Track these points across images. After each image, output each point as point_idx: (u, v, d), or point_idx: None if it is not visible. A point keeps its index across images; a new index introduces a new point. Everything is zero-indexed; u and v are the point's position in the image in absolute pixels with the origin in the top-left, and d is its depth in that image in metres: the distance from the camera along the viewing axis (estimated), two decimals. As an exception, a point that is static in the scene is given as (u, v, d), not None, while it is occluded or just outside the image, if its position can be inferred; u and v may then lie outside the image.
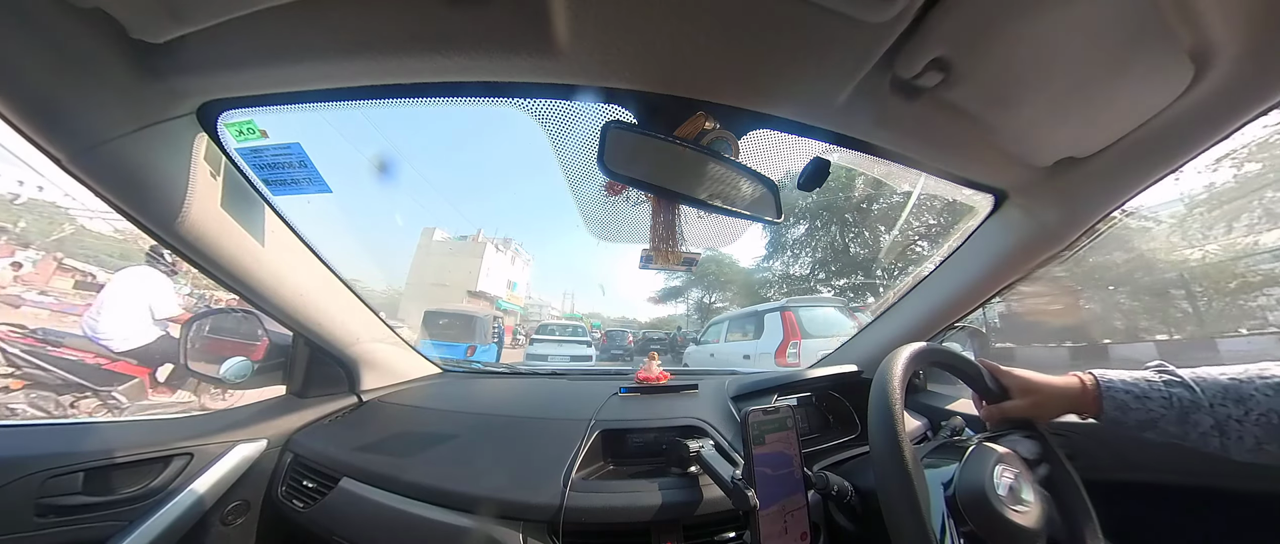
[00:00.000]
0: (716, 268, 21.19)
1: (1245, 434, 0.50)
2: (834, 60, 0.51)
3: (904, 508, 0.46)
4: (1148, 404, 0.56)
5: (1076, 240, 0.77)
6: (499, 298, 30.48)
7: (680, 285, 23.75)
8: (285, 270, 0.80)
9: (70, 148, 0.52)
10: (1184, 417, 0.54)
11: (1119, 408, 0.58)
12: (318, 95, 0.60)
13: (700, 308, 23.31)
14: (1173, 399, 0.55)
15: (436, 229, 31.57)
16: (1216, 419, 0.52)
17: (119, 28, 0.46)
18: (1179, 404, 0.54)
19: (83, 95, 0.50)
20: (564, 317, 32.41)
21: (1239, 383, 0.52)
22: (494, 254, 31.53)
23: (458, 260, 29.87)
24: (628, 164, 0.56)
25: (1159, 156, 0.60)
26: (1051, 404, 0.63)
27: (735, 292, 21.21)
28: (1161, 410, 0.55)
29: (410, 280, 29.63)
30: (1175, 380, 0.56)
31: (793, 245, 15.69)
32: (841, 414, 1.02)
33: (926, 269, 1.04)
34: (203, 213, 0.65)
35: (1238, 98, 0.50)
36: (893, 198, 10.00)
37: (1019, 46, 0.47)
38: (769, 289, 16.37)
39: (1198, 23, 0.42)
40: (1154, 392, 0.56)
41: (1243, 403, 0.51)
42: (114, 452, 0.70)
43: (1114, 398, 0.58)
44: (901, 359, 0.56)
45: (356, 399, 1.01)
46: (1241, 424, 0.51)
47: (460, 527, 0.66)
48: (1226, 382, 0.53)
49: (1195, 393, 0.54)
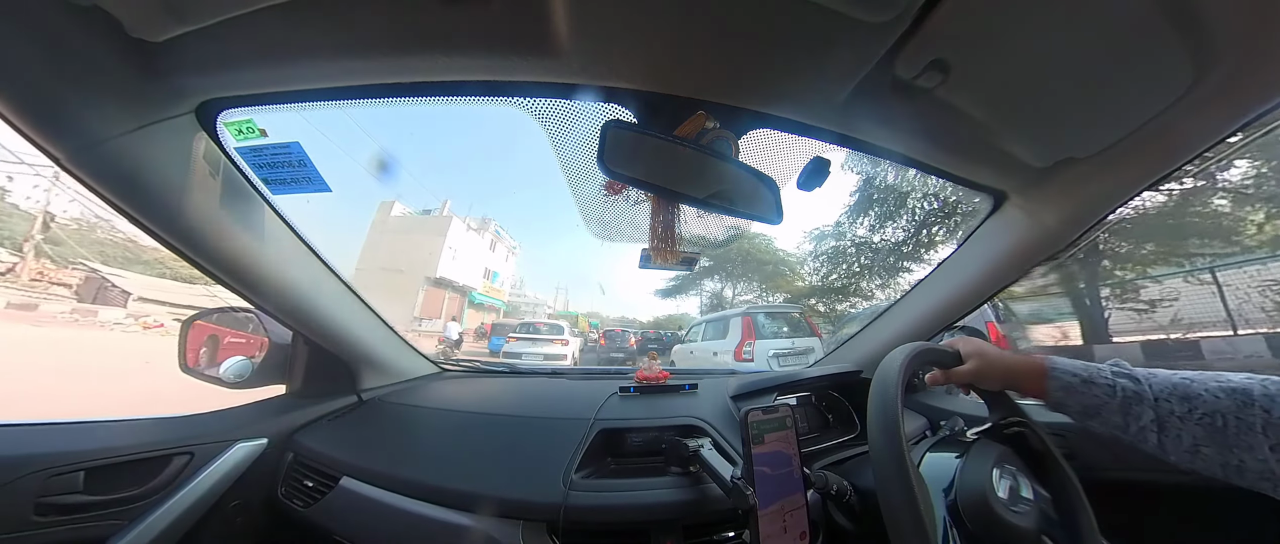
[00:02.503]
0: (744, 252, 17.57)
1: (1184, 433, 0.48)
2: (834, 60, 0.51)
3: (903, 507, 0.46)
4: (1093, 390, 0.55)
5: (1076, 240, 0.77)
6: (472, 289, 24.94)
7: (696, 275, 19.89)
8: (285, 269, 0.80)
9: (69, 146, 0.52)
10: (1126, 407, 0.52)
11: (1064, 389, 0.57)
12: (317, 94, 0.60)
13: (716, 303, 19.93)
14: (1117, 388, 0.53)
15: (396, 203, 24.74)
16: (1157, 414, 0.50)
17: (118, 26, 0.46)
18: (1123, 394, 0.53)
19: (81, 94, 0.50)
20: (556, 314, 28.14)
21: (1189, 382, 0.51)
22: (463, 233, 24.46)
23: (415, 239, 22.61)
24: (628, 163, 0.56)
25: (1159, 157, 0.60)
26: (995, 372, 0.63)
27: (763, 281, 17.95)
28: (1105, 397, 0.54)
29: (360, 265, 22.32)
30: (1123, 371, 0.55)
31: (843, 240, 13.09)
32: (841, 414, 1.02)
33: (926, 269, 1.04)
34: (202, 212, 0.64)
35: (1237, 98, 0.50)
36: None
37: (1019, 48, 0.47)
38: (810, 277, 14.10)
39: (1198, 24, 0.42)
40: (1099, 378, 0.55)
41: (1188, 401, 0.49)
42: (115, 450, 0.70)
43: (1059, 379, 0.57)
44: (901, 359, 0.56)
45: (356, 398, 1.01)
46: (1182, 422, 0.49)
47: (460, 525, 0.66)
48: (1177, 380, 0.52)
49: (1140, 385, 0.53)
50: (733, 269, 19.33)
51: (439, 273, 22.22)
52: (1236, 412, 0.46)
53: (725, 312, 6.95)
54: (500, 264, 29.43)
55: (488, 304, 27.00)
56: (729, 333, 5.99)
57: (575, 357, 8.93)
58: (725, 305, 16.33)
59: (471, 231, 25.81)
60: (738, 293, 19.65)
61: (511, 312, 29.10)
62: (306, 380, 0.99)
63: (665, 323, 26.76)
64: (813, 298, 13.30)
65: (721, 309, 8.21)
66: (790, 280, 16.94)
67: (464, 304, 24.85)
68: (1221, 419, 0.47)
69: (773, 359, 5.31)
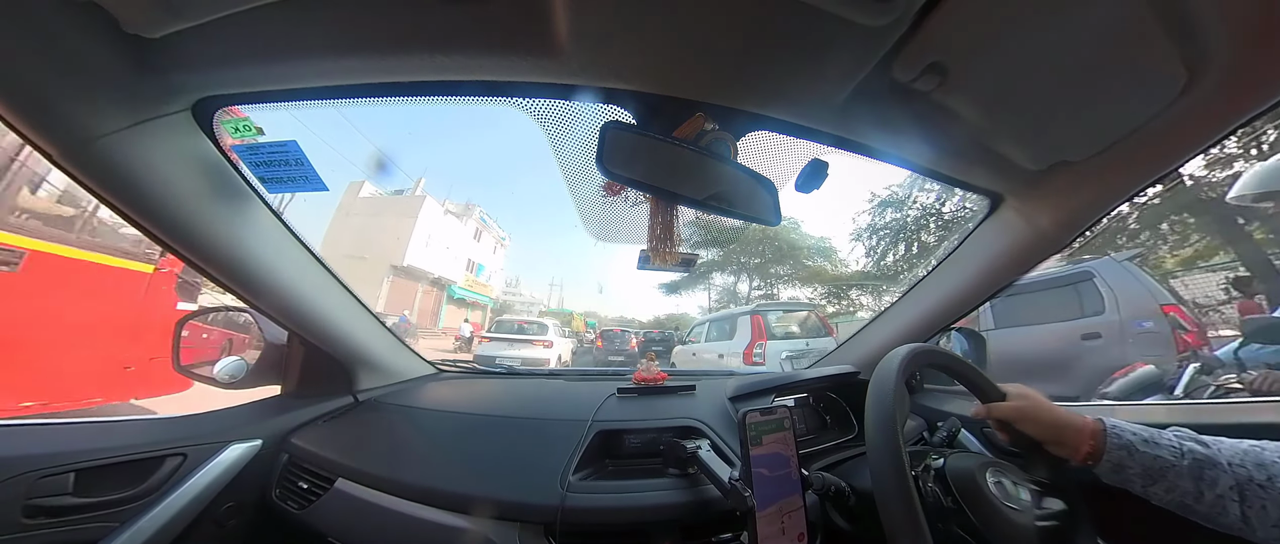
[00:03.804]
0: (767, 237, 15.52)
1: (1270, 504, 0.43)
2: (832, 63, 0.51)
3: (900, 508, 0.46)
4: (1156, 451, 0.49)
5: (1071, 242, 0.78)
6: (450, 282, 21.80)
7: (704, 270, 18.01)
8: (280, 268, 0.79)
9: (64, 143, 0.52)
10: (1198, 472, 0.47)
11: (1124, 449, 0.51)
12: (314, 93, 0.60)
13: (729, 301, 18.23)
14: (1185, 451, 0.48)
15: (365, 183, 21.49)
16: (1236, 480, 0.45)
17: (113, 22, 0.46)
18: (1192, 457, 0.47)
19: (77, 90, 0.50)
20: (547, 312, 24.61)
21: (1261, 449, 0.46)
22: (439, 217, 20.87)
23: (383, 222, 19.29)
24: (626, 164, 0.56)
25: (1153, 160, 0.60)
26: (1038, 415, 0.58)
27: (786, 272, 16.41)
28: (1172, 460, 0.48)
29: (322, 251, 18.70)
30: (1185, 434, 0.50)
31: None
32: (839, 415, 1.03)
33: (923, 271, 1.05)
34: (198, 209, 0.64)
35: (1230, 102, 0.50)
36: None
37: (1015, 51, 0.48)
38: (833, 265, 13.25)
39: (1191, 29, 0.43)
40: (1164, 440, 0.50)
41: (1265, 469, 0.44)
42: (106, 452, 0.70)
43: (1120, 437, 0.51)
44: (898, 360, 0.56)
45: (352, 399, 1.01)
46: (1264, 491, 0.43)
47: (456, 528, 0.65)
48: (1245, 446, 0.47)
49: (1210, 449, 0.48)
50: (749, 262, 17.08)
51: (407, 261, 18.60)
52: None
53: (731, 310, 6.34)
54: (487, 256, 25.83)
55: (471, 300, 23.78)
56: (736, 333, 5.46)
57: (564, 361, 8.05)
58: (739, 303, 14.92)
59: (451, 216, 22.02)
60: (754, 288, 17.58)
61: (503, 309, 26.28)
62: (302, 381, 0.98)
63: (665, 322, 25.18)
64: (857, 289, 12.11)
65: (732, 307, 7.43)
66: (826, 271, 14.97)
67: (442, 300, 21.73)
68: None
69: (785, 361, 4.78)
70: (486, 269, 25.86)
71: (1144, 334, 2.91)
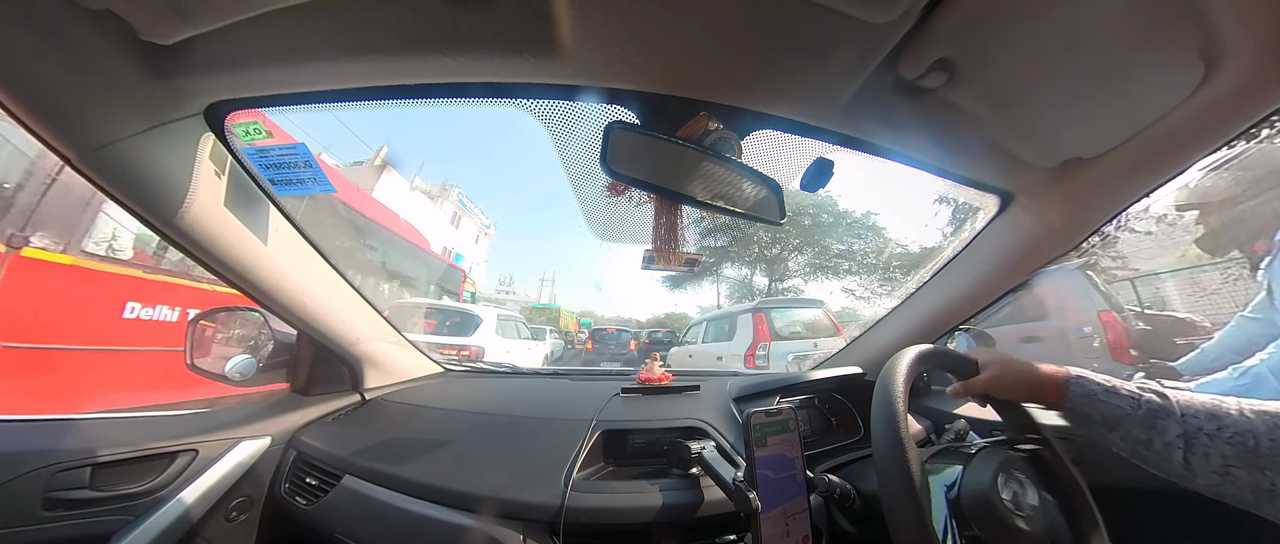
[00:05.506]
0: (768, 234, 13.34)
1: (1212, 452, 0.45)
2: (837, 60, 0.51)
3: (907, 511, 0.45)
4: (1115, 399, 0.52)
5: (1083, 241, 0.76)
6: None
7: (715, 261, 15.84)
8: (290, 269, 0.80)
9: (80, 147, 0.53)
10: (1151, 420, 0.50)
11: (1086, 397, 0.54)
12: (324, 96, 0.61)
13: (744, 296, 15.75)
14: (1142, 401, 0.51)
15: (323, 155, 14.48)
16: (1185, 429, 0.48)
17: (129, 29, 0.47)
18: (1147, 407, 0.50)
19: (93, 96, 0.51)
20: (529, 309, 20.56)
21: (1219, 402, 0.48)
22: (404, 193, 16.55)
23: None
24: (630, 164, 0.56)
25: (1169, 156, 0.59)
26: (1014, 382, 0.60)
27: (807, 262, 14.13)
28: (1128, 408, 0.51)
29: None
30: (1150, 387, 0.53)
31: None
32: (844, 416, 1.01)
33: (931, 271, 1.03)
34: (209, 212, 0.65)
35: (1249, 96, 0.49)
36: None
37: (1024, 46, 0.47)
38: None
39: (1208, 20, 0.42)
40: (1124, 390, 0.53)
41: (1217, 419, 0.47)
42: (121, 447, 0.71)
43: (1083, 385, 0.54)
44: (905, 361, 0.55)
45: (360, 398, 1.02)
46: (1211, 440, 0.46)
47: (461, 526, 0.66)
48: (1206, 400, 0.49)
49: (1167, 401, 0.50)
50: (770, 252, 14.30)
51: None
52: (1269, 432, 0.44)
53: (731, 308, 5.75)
54: (468, 245, 21.26)
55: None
56: (737, 333, 5.01)
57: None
58: (757, 298, 11.75)
59: (421, 194, 17.46)
60: (774, 281, 14.98)
61: (492, 304, 21.81)
62: (310, 379, 0.99)
63: (666, 320, 23.55)
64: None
65: (745, 303, 6.54)
66: (867, 255, 12.58)
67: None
68: (1253, 439, 0.44)
69: (793, 364, 4.29)
70: (465, 259, 19.39)
71: (1083, 339, 2.94)
